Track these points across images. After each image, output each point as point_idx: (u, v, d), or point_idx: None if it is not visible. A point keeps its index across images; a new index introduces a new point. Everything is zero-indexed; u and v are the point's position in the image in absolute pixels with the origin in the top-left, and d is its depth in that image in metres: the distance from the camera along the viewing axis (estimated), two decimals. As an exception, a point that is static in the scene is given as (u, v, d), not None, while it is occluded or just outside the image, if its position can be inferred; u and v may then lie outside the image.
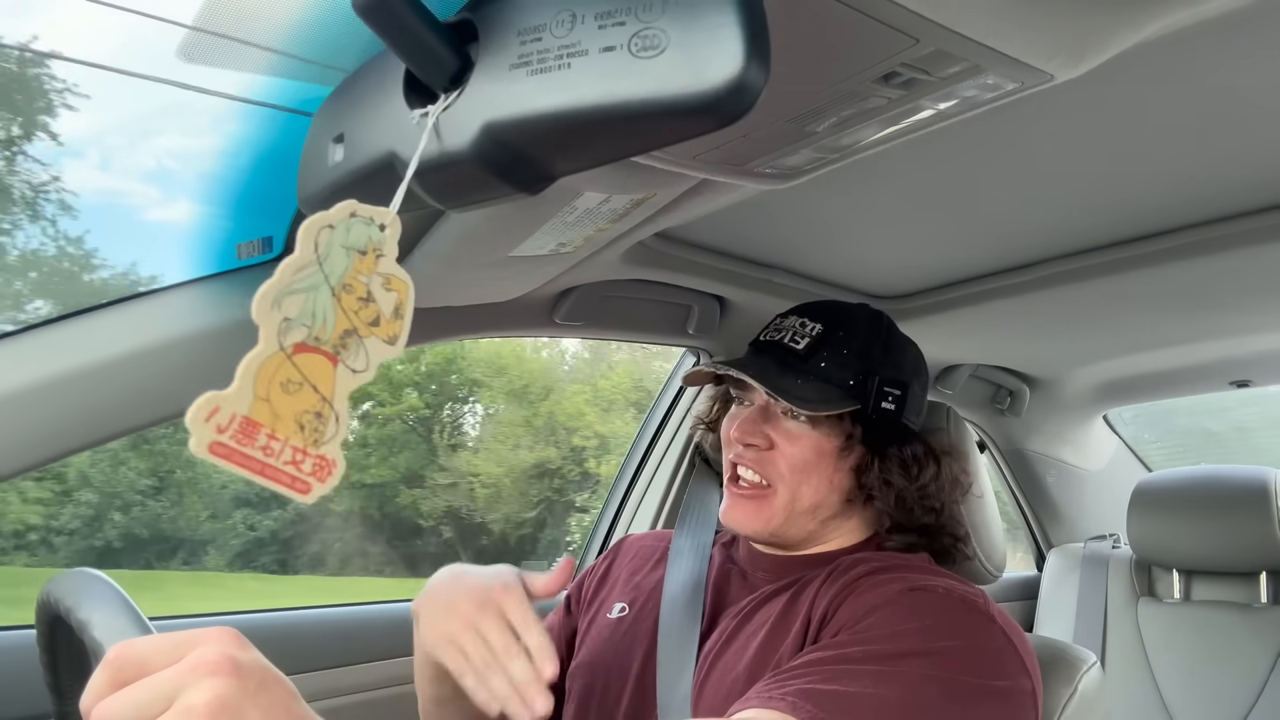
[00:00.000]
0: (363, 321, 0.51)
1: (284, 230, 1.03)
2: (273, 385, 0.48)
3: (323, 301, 0.49)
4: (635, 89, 0.47)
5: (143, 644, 0.49)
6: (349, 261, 0.50)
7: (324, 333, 0.49)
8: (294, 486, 0.49)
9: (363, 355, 0.51)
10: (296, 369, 0.49)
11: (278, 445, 0.48)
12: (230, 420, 0.46)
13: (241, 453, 0.47)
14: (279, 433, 0.48)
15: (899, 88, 0.65)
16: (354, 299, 0.50)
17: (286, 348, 0.48)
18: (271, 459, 0.48)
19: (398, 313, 0.52)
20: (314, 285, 0.49)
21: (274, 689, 0.48)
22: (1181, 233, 1.18)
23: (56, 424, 0.91)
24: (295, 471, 0.49)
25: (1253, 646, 1.70)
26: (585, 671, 1.01)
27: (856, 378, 0.94)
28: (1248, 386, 2.06)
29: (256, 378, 0.47)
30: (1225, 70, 0.79)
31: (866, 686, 0.72)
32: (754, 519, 0.95)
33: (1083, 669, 0.95)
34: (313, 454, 0.50)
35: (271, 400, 0.48)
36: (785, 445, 0.94)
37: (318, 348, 0.49)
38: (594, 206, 0.84)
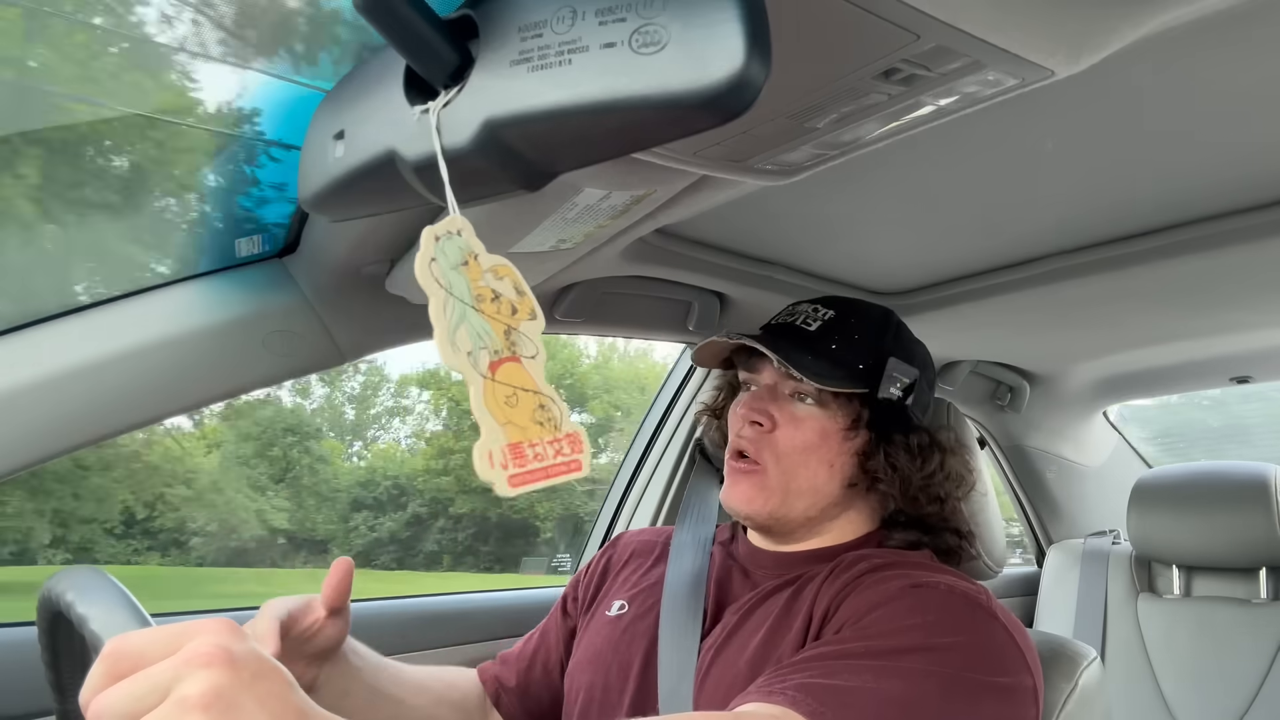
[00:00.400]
0: (507, 316, 0.56)
1: (284, 226, 1.03)
2: (501, 408, 0.54)
3: (476, 322, 0.55)
4: (636, 85, 0.47)
5: (139, 636, 0.49)
6: (464, 277, 0.55)
7: (495, 344, 0.55)
8: (570, 469, 0.56)
9: (527, 342, 0.57)
10: (504, 384, 0.55)
11: (540, 449, 0.55)
12: (504, 455, 0.53)
13: (528, 473, 0.54)
14: (533, 439, 0.54)
15: (899, 84, 0.65)
16: (489, 303, 0.56)
17: (485, 373, 0.54)
18: (546, 461, 0.55)
19: (519, 290, 0.57)
20: (462, 314, 0.54)
21: (270, 679, 0.48)
22: (1182, 228, 1.18)
23: (57, 421, 0.91)
24: (565, 458, 0.56)
25: (1252, 642, 1.70)
26: (586, 670, 1.01)
27: (867, 361, 0.94)
28: (1248, 382, 2.06)
29: (490, 412, 0.53)
30: (1225, 66, 0.78)
31: (868, 681, 0.72)
32: (752, 499, 0.95)
33: (1083, 664, 0.95)
34: (562, 437, 0.56)
35: (511, 420, 0.54)
36: (788, 427, 0.94)
37: (500, 359, 0.55)
38: (594, 203, 0.84)
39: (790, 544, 0.99)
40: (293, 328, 1.03)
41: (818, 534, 0.98)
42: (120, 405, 0.95)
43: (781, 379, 0.96)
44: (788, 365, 0.90)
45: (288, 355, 1.04)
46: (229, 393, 1.02)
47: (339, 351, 1.06)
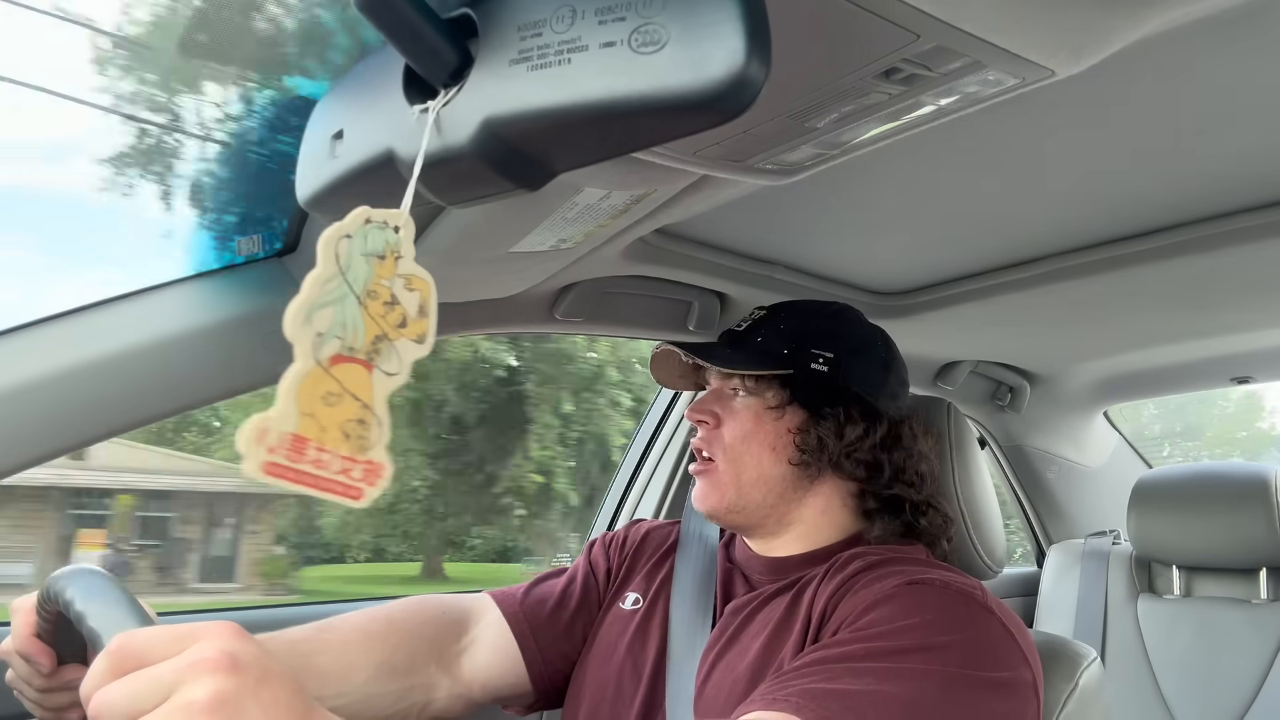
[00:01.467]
0: (391, 325, 0.52)
1: (283, 226, 1.03)
2: (314, 400, 0.49)
3: (351, 311, 0.50)
4: (636, 85, 0.47)
5: (144, 634, 0.49)
6: (370, 268, 0.51)
7: (356, 341, 0.51)
8: (347, 494, 0.51)
9: (395, 358, 0.53)
10: (335, 380, 0.50)
11: (327, 457, 0.50)
12: (280, 440, 0.48)
13: (295, 469, 0.49)
14: (327, 444, 0.50)
15: (900, 83, 0.65)
16: (380, 304, 0.52)
17: (323, 361, 0.50)
18: (323, 471, 0.50)
19: (422, 311, 0.54)
20: (340, 296, 0.50)
21: (275, 684, 0.48)
22: (1183, 229, 1.18)
23: (58, 420, 0.91)
24: (347, 480, 0.51)
25: (1253, 643, 1.70)
26: (598, 666, 1.01)
27: (789, 346, 0.98)
28: (1249, 383, 2.06)
29: (298, 395, 0.49)
30: (1226, 66, 0.78)
31: (870, 684, 0.72)
32: (709, 495, 0.98)
33: (1083, 664, 0.95)
34: (361, 460, 0.51)
35: (315, 414, 0.49)
36: (729, 421, 0.99)
37: (352, 357, 0.51)
38: (594, 202, 0.84)
39: (777, 543, 0.99)
40: (293, 327, 1.03)
41: (792, 526, 0.98)
42: (121, 404, 0.94)
43: (722, 381, 1.02)
44: (694, 357, 0.98)
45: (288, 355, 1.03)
46: (229, 392, 1.02)
47: (339, 351, 1.06)
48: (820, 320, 1.02)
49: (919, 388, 1.86)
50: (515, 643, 1.03)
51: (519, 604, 1.06)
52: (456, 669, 0.99)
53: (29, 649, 0.73)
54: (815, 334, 0.99)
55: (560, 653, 1.05)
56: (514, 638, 1.03)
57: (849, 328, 1.03)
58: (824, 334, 0.99)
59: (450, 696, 0.98)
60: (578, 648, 1.06)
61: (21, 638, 0.73)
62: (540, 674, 1.03)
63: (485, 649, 1.02)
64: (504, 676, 1.02)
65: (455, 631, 1.02)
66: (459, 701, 0.99)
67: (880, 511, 0.97)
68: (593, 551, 1.15)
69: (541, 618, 1.05)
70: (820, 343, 0.98)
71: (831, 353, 0.98)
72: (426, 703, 0.96)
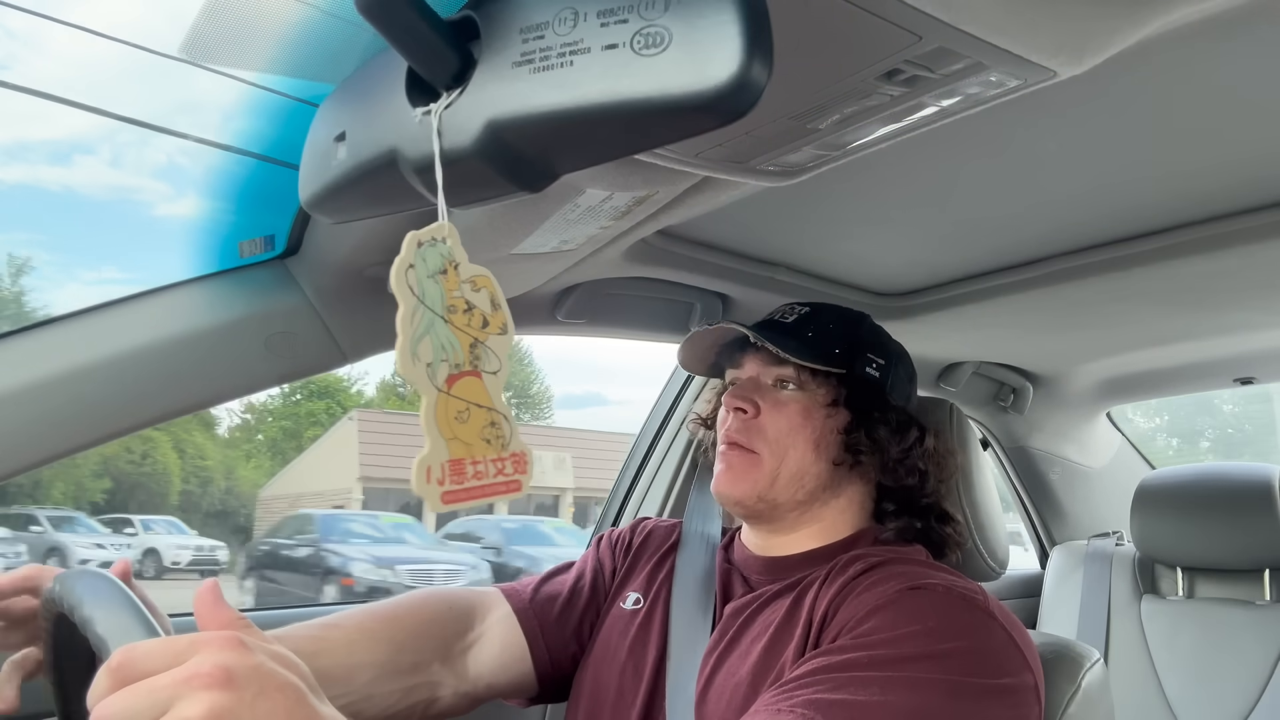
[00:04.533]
0: (476, 329, 0.56)
1: (286, 228, 1.03)
2: (450, 423, 0.53)
3: (443, 333, 0.54)
4: (638, 87, 0.47)
5: (144, 647, 0.49)
6: (440, 286, 0.54)
7: (458, 357, 0.54)
8: (509, 489, 0.56)
9: (492, 356, 0.56)
10: (458, 399, 0.54)
11: (482, 467, 0.54)
12: (443, 471, 0.52)
13: (464, 490, 0.53)
14: (477, 456, 0.54)
15: (902, 85, 0.65)
16: (460, 315, 0.55)
17: (442, 387, 0.53)
18: (485, 480, 0.54)
19: (494, 303, 0.57)
20: (429, 323, 0.53)
21: (274, 696, 0.48)
22: (1185, 229, 1.18)
23: (61, 421, 0.91)
24: (505, 478, 0.55)
25: (1256, 644, 1.70)
26: (600, 666, 1.01)
27: (842, 346, 0.98)
28: (1252, 383, 2.05)
29: (438, 426, 0.53)
30: (1228, 67, 0.78)
31: (874, 694, 0.72)
32: (740, 482, 0.96)
33: (1086, 666, 0.95)
34: (507, 456, 0.56)
35: (458, 435, 0.54)
36: (772, 411, 0.97)
37: (461, 372, 0.54)
38: (596, 204, 0.84)
39: (785, 542, 0.99)
40: (295, 329, 1.03)
41: (809, 525, 0.98)
42: (123, 406, 0.95)
43: (763, 369, 1.00)
44: (764, 341, 0.95)
45: (290, 356, 1.04)
46: (232, 394, 1.02)
47: (341, 353, 1.06)
48: (863, 328, 1.04)
49: (922, 389, 1.86)
50: (524, 640, 1.02)
51: (529, 601, 1.05)
52: (461, 666, 0.99)
53: None
54: (865, 340, 1.01)
55: (567, 652, 1.05)
56: (523, 635, 1.03)
57: (887, 339, 1.05)
58: (872, 342, 1.02)
59: (454, 694, 0.98)
60: (584, 646, 1.06)
61: None
62: (546, 671, 1.03)
63: (492, 645, 1.02)
64: (509, 673, 1.02)
65: (461, 627, 1.01)
66: (463, 699, 0.99)
67: (898, 515, 0.98)
68: (599, 548, 1.14)
69: (551, 616, 1.05)
70: (872, 349, 1.00)
71: (883, 360, 1.00)
72: (430, 700, 0.96)
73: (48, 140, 5.09)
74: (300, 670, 0.52)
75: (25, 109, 5.42)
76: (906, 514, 0.98)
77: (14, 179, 4.99)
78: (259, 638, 0.53)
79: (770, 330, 1.01)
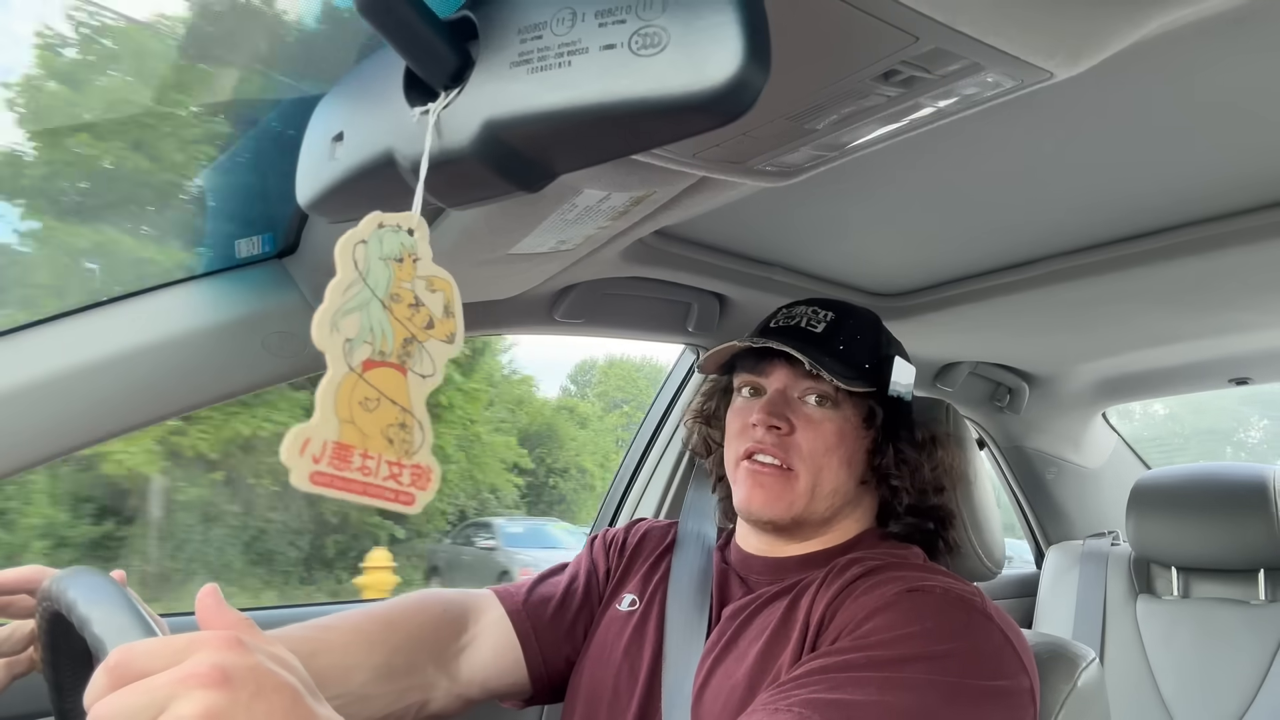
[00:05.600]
0: (418, 327, 0.52)
1: (283, 227, 1.03)
2: (353, 406, 0.49)
3: (376, 315, 0.51)
4: (635, 87, 0.47)
5: (142, 647, 0.49)
6: (390, 271, 0.52)
7: (386, 345, 0.51)
8: (398, 499, 0.51)
9: (427, 359, 0.53)
10: (371, 386, 0.50)
11: (373, 463, 0.50)
12: (323, 448, 0.48)
13: (342, 478, 0.49)
14: (371, 450, 0.50)
15: (899, 85, 0.65)
16: (404, 307, 0.52)
17: (356, 367, 0.50)
18: (371, 478, 0.50)
19: (448, 311, 0.54)
20: (364, 301, 0.50)
21: (270, 696, 0.48)
22: (1182, 230, 1.18)
23: (58, 421, 0.91)
24: (396, 485, 0.51)
25: (1251, 643, 1.70)
26: (594, 668, 1.01)
27: (871, 360, 0.97)
28: (1247, 384, 2.06)
29: (336, 402, 0.49)
30: (1224, 67, 0.79)
31: (872, 694, 0.72)
32: (778, 501, 0.95)
33: (1082, 665, 0.95)
34: (408, 465, 0.51)
35: (356, 421, 0.49)
36: (806, 429, 0.95)
37: (384, 361, 0.51)
38: (594, 204, 0.84)
39: (787, 546, 0.99)
40: (292, 328, 1.03)
41: (822, 534, 0.99)
42: (121, 406, 0.94)
43: (793, 381, 0.97)
44: (819, 368, 0.92)
45: (288, 356, 1.04)
46: (229, 393, 1.02)
47: (338, 352, 1.06)
48: (884, 334, 1.02)
49: (918, 389, 1.86)
50: (517, 642, 1.02)
51: (522, 603, 1.05)
52: (455, 668, 0.99)
53: None
54: (889, 351, 0.99)
55: (561, 653, 1.05)
56: (516, 637, 1.03)
57: (898, 343, 1.04)
58: (894, 353, 1.00)
59: (448, 696, 0.98)
60: (578, 648, 1.05)
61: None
62: (540, 673, 1.03)
63: (486, 647, 1.02)
64: (503, 675, 1.02)
65: (455, 630, 1.01)
66: (457, 700, 0.99)
67: (903, 517, 0.99)
68: (593, 549, 1.14)
69: (545, 618, 1.05)
70: (901, 362, 0.99)
71: (911, 377, 0.99)
72: (424, 702, 0.96)
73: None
74: (297, 671, 0.52)
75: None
76: (913, 515, 0.99)
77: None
78: (260, 638, 0.52)
79: (800, 340, 0.97)
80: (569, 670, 1.05)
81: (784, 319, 1.02)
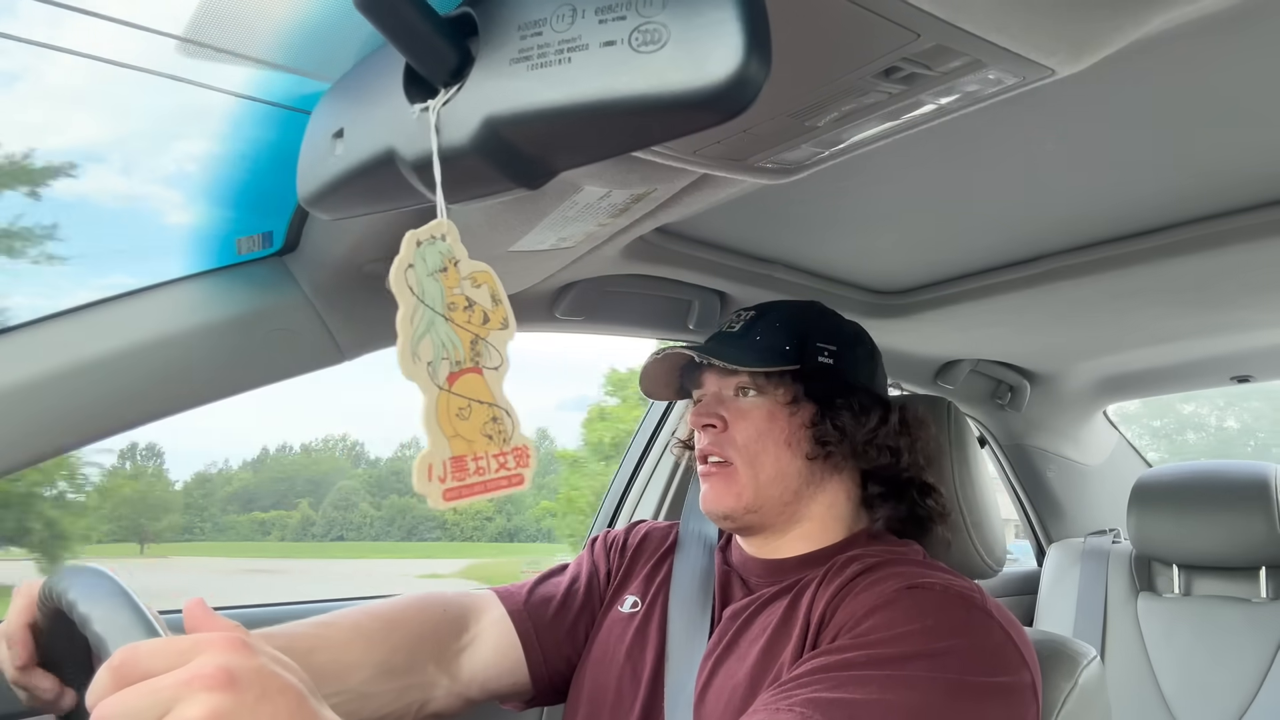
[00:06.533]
0: (477, 325, 0.56)
1: (284, 225, 1.03)
2: (452, 421, 0.53)
3: (443, 331, 0.54)
4: (635, 84, 0.47)
5: (147, 647, 0.49)
6: (440, 284, 0.54)
7: (459, 355, 0.54)
8: (511, 483, 0.56)
9: (493, 352, 0.56)
10: (459, 396, 0.54)
11: (484, 463, 0.54)
12: (444, 468, 0.53)
13: (466, 486, 0.53)
14: (479, 452, 0.54)
15: (900, 83, 0.65)
16: (461, 312, 0.55)
17: (443, 385, 0.53)
18: (486, 476, 0.54)
19: (495, 299, 0.57)
20: (430, 323, 0.53)
21: (275, 699, 0.48)
22: (1183, 228, 1.18)
23: (58, 418, 0.91)
24: (507, 472, 0.55)
25: (1252, 641, 1.70)
26: (598, 670, 1.01)
27: (791, 342, 0.98)
28: (1249, 381, 2.06)
29: (439, 424, 0.53)
30: (1227, 65, 0.78)
31: (873, 693, 0.72)
32: (724, 496, 0.96)
33: (1083, 663, 0.95)
34: (509, 451, 0.56)
35: (459, 433, 0.54)
36: (738, 421, 0.97)
37: (462, 369, 0.54)
38: (594, 201, 0.84)
39: (781, 546, 0.99)
40: (293, 326, 1.03)
41: (799, 524, 0.98)
42: (120, 403, 0.94)
43: (723, 382, 1.00)
44: (709, 357, 0.96)
45: (288, 353, 1.04)
46: (229, 391, 1.02)
47: (339, 350, 1.06)
48: (812, 317, 1.03)
49: (919, 387, 1.86)
50: (518, 642, 1.03)
51: (524, 603, 1.05)
52: (455, 668, 0.99)
53: (15, 638, 0.73)
54: (814, 329, 1.00)
55: (562, 654, 1.05)
56: (517, 637, 1.03)
57: (838, 323, 1.05)
58: (821, 329, 1.01)
59: (448, 695, 0.98)
60: (579, 649, 1.05)
61: (14, 624, 0.73)
62: (541, 674, 1.03)
63: (486, 648, 1.02)
64: (504, 676, 1.02)
65: (455, 630, 1.01)
66: (457, 700, 0.99)
67: (885, 498, 0.98)
68: (594, 550, 1.14)
69: (545, 618, 1.05)
70: (822, 337, 0.99)
71: (835, 345, 0.99)
72: (424, 701, 0.96)
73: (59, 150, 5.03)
74: (300, 674, 0.52)
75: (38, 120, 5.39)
76: (892, 497, 0.98)
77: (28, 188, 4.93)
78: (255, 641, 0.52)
79: (718, 342, 1.02)
80: (570, 671, 1.05)
81: (716, 329, 1.06)
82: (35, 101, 1.16)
